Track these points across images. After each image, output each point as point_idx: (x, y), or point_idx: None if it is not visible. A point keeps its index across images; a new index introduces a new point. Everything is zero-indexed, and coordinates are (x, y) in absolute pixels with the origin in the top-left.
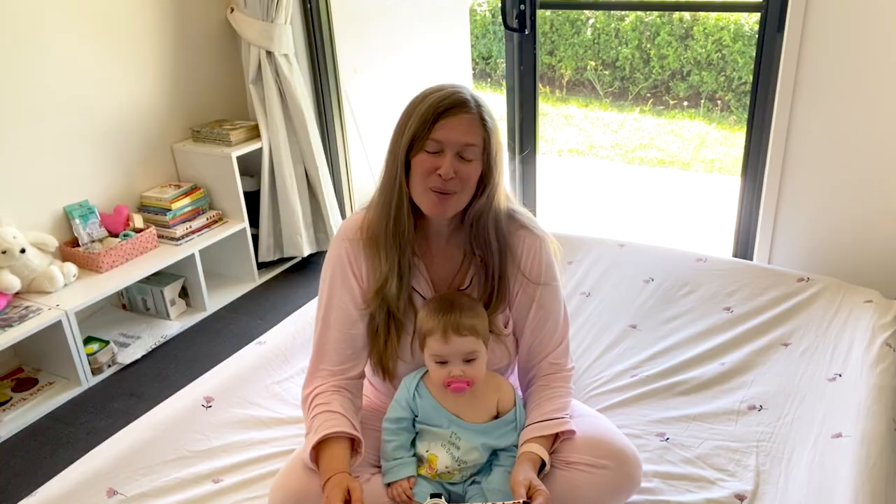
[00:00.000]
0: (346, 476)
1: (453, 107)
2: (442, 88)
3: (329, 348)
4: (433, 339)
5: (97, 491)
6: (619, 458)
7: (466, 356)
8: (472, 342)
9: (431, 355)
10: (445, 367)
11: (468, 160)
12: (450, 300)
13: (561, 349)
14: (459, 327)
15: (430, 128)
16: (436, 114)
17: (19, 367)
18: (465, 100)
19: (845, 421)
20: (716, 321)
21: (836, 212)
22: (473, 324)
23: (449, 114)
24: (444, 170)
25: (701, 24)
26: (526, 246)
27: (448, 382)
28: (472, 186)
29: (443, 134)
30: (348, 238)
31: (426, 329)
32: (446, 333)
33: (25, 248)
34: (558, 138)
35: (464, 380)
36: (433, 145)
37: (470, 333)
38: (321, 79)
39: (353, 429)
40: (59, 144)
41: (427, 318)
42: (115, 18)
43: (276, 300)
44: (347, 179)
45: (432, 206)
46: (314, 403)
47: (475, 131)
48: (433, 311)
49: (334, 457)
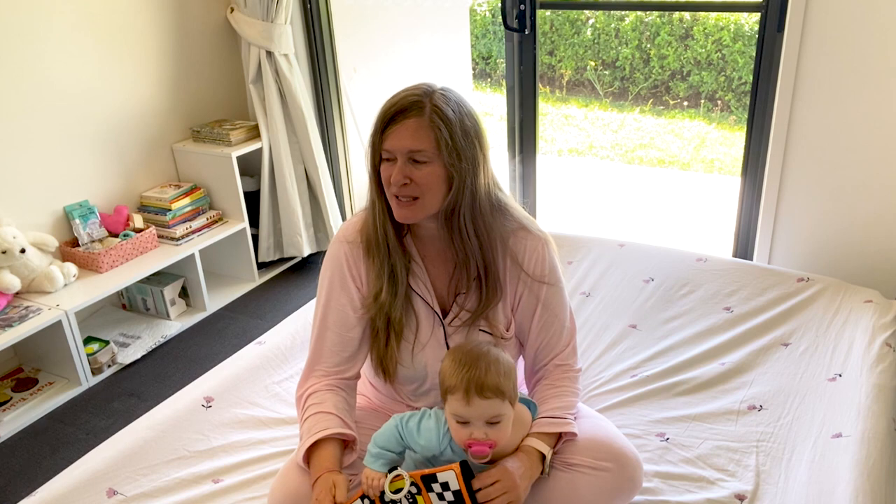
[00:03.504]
0: (334, 474)
1: (398, 113)
2: (396, 95)
3: (325, 350)
4: (454, 398)
5: (97, 491)
6: (620, 460)
7: (490, 419)
8: (496, 405)
9: (452, 414)
10: (466, 428)
11: (422, 164)
12: (475, 354)
13: (568, 350)
14: (483, 388)
15: (380, 138)
16: (383, 123)
17: (19, 367)
18: (413, 102)
19: (845, 421)
20: (716, 321)
21: (836, 212)
22: (499, 384)
23: (394, 121)
24: (393, 178)
25: (701, 24)
26: (528, 247)
27: (469, 444)
28: (439, 187)
29: (390, 143)
30: (347, 240)
31: (447, 385)
32: (468, 394)
33: (25, 248)
34: (558, 138)
35: (486, 443)
36: (386, 154)
37: (495, 395)
38: (321, 79)
39: (345, 427)
40: (59, 144)
41: (449, 373)
42: (115, 18)
43: (276, 300)
44: (347, 179)
45: (397, 213)
46: (307, 403)
47: (421, 135)
48: (455, 366)
49: (324, 456)
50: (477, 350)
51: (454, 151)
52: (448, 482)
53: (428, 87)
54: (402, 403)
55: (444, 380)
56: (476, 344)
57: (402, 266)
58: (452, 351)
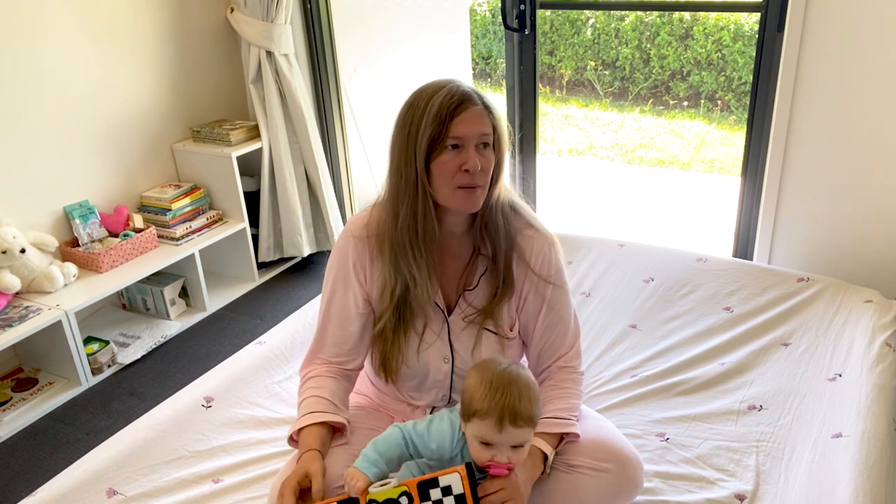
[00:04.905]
0: (312, 457)
1: (463, 101)
2: (442, 86)
3: (328, 341)
4: (484, 423)
5: (97, 491)
6: (621, 461)
7: (516, 444)
8: (526, 433)
9: (476, 436)
10: (489, 450)
11: (486, 151)
12: (506, 378)
13: (572, 352)
14: (517, 417)
15: (446, 127)
16: (450, 112)
17: (19, 367)
18: (468, 93)
19: (845, 421)
20: (716, 321)
21: (836, 212)
22: (532, 413)
23: (461, 108)
24: (471, 164)
25: (701, 24)
26: (536, 246)
27: (489, 465)
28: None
29: (461, 129)
30: (354, 235)
31: (477, 408)
32: (502, 422)
33: (25, 248)
34: (558, 138)
35: (506, 465)
36: (455, 141)
37: (527, 425)
38: (321, 79)
39: (336, 415)
40: (59, 144)
41: (479, 396)
42: (115, 18)
43: (276, 300)
44: (347, 179)
45: (463, 203)
46: (307, 386)
47: (487, 121)
48: (487, 389)
49: (310, 434)
50: (507, 373)
51: (503, 142)
52: (451, 485)
53: (463, 82)
54: (403, 402)
55: (471, 401)
56: (505, 365)
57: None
58: (481, 371)
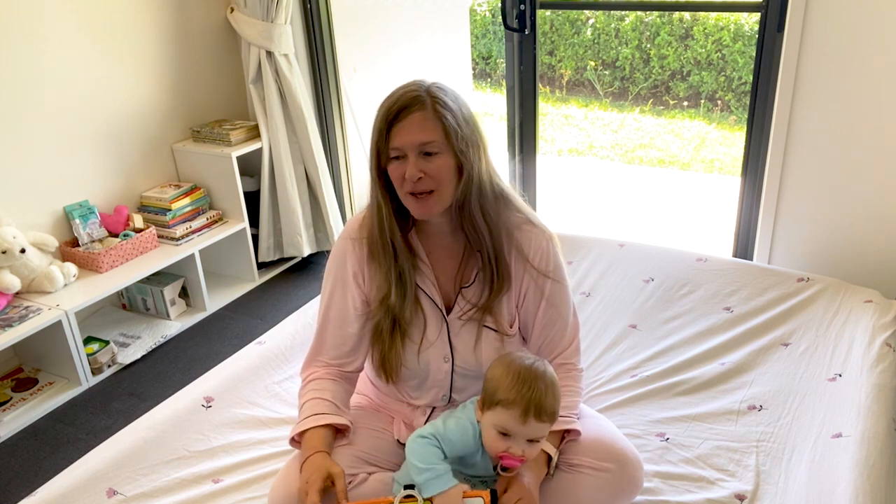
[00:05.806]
0: (326, 457)
1: (402, 109)
2: (394, 93)
3: (327, 343)
4: (508, 413)
5: (97, 491)
6: (621, 461)
7: (533, 438)
8: (545, 428)
9: (496, 425)
10: (505, 441)
11: (433, 156)
12: (534, 373)
13: (572, 349)
14: (542, 412)
15: (386, 137)
16: (388, 121)
17: (19, 367)
18: (413, 98)
19: (845, 421)
20: (716, 321)
21: (836, 212)
22: (555, 409)
23: (399, 118)
24: (408, 174)
25: (701, 24)
26: (534, 241)
27: (503, 456)
28: (451, 179)
29: (398, 140)
30: (351, 237)
31: (503, 397)
32: (527, 415)
33: (25, 248)
34: (558, 138)
35: (519, 458)
36: (395, 152)
37: (549, 420)
38: (321, 79)
39: (339, 417)
40: (59, 144)
41: (506, 386)
42: (115, 18)
43: (276, 300)
44: (347, 179)
45: (416, 210)
46: (308, 388)
47: (429, 126)
48: (514, 381)
49: (315, 436)
50: (535, 368)
51: (462, 139)
52: None
53: (421, 82)
54: (403, 402)
55: (496, 390)
56: (533, 360)
57: (410, 267)
58: (507, 363)
